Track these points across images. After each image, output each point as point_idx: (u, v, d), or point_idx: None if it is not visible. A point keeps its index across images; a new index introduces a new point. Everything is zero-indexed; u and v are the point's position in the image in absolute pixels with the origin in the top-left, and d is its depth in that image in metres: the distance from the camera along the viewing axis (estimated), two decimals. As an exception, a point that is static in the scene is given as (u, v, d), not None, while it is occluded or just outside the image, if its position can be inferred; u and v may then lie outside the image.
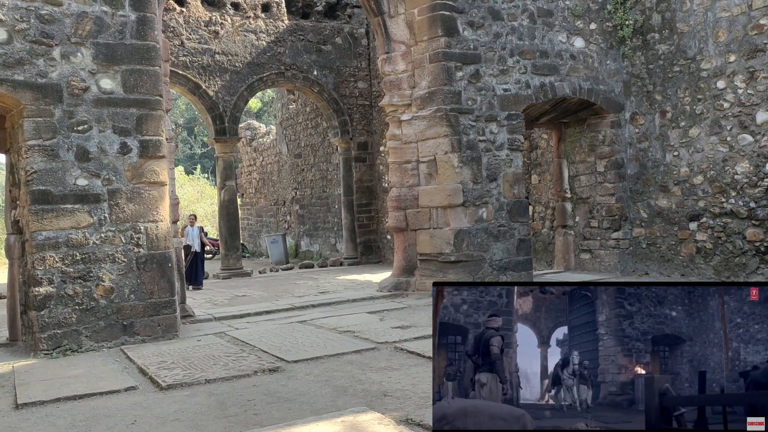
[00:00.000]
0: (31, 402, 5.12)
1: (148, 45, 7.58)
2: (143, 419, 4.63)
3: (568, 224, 12.08)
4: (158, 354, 6.61)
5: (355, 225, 17.54)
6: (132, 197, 7.42)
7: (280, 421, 4.40)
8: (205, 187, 35.92)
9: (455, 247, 9.66)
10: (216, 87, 16.08)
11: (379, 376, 5.51)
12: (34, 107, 7.00)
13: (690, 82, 10.19)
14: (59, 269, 7.02)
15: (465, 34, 9.81)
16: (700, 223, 10.13)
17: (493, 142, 10.01)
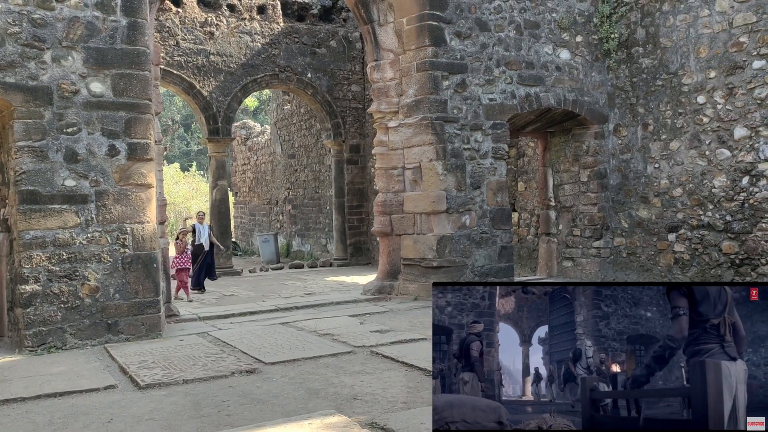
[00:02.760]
0: (13, 398, 5.29)
1: (138, 50, 7.74)
2: (119, 418, 4.80)
3: (551, 232, 12.28)
4: (140, 353, 6.78)
5: (345, 227, 17.72)
6: (119, 198, 7.59)
7: (251, 422, 4.57)
8: (200, 185, 36.01)
9: (438, 253, 9.85)
10: (210, 87, 16.25)
11: (352, 379, 5.69)
12: (24, 109, 7.16)
13: (672, 96, 10.40)
14: (46, 268, 7.19)
15: (452, 44, 10.00)
16: (679, 235, 10.34)
17: (478, 151, 10.20)
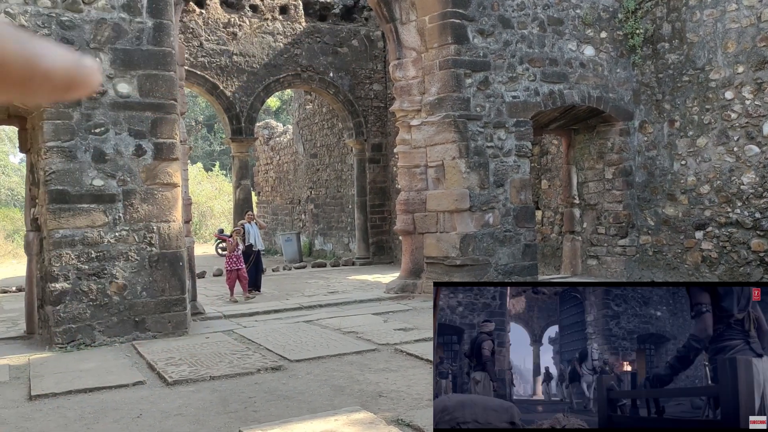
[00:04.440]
0: (44, 394, 5.39)
1: (164, 51, 7.83)
2: (148, 413, 4.87)
3: (575, 230, 12.18)
4: (167, 350, 6.87)
5: (367, 225, 17.75)
6: (146, 198, 7.69)
7: (278, 418, 4.61)
8: (223, 184, 36.33)
9: (461, 251, 9.83)
10: (233, 87, 16.37)
11: (377, 377, 5.70)
12: (53, 110, 7.28)
13: (698, 92, 10.26)
14: (75, 266, 7.31)
15: (475, 41, 9.96)
16: (706, 232, 10.19)
17: (501, 149, 10.15)
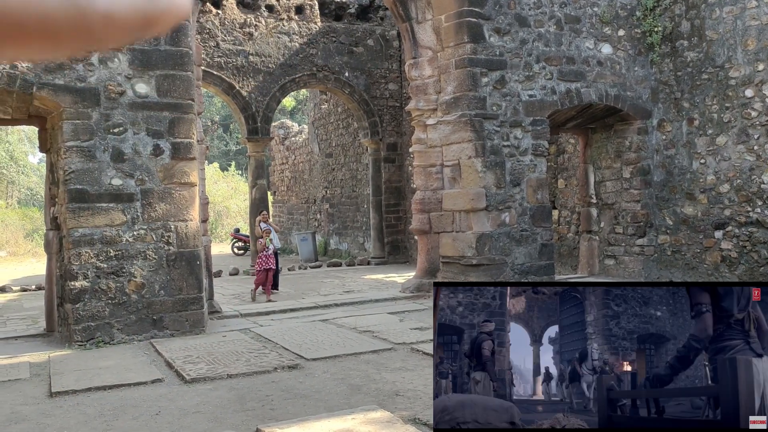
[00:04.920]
0: (64, 391, 5.44)
1: (181, 51, 7.89)
2: (167, 410, 4.90)
3: (593, 229, 12.09)
4: (185, 348, 6.91)
5: (383, 225, 17.75)
6: (163, 197, 7.74)
7: (295, 416, 4.62)
8: (239, 184, 36.54)
9: (477, 251, 9.79)
10: (249, 87, 16.44)
11: (393, 376, 5.70)
12: (72, 110, 7.36)
13: (718, 90, 10.14)
14: (94, 265, 7.38)
15: (491, 40, 9.92)
16: (726, 232, 10.08)
17: (518, 148, 10.11)
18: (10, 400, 5.34)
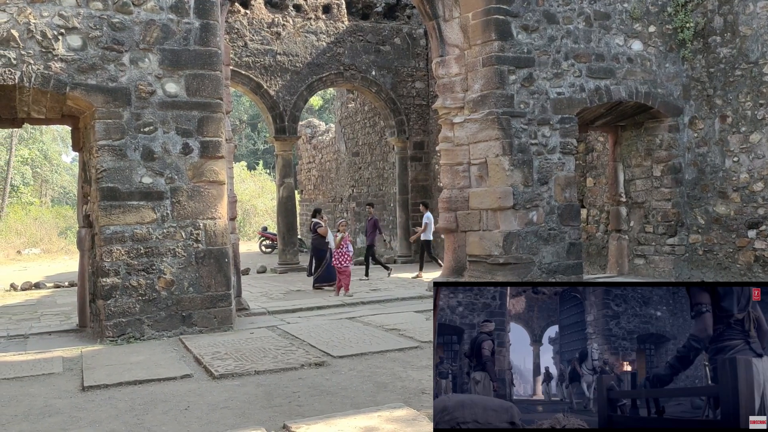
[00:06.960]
0: (96, 385, 5.55)
1: (210, 51, 7.97)
2: (196, 405, 4.97)
3: (622, 228, 11.93)
4: (213, 345, 6.99)
5: (409, 224, 17.74)
6: (192, 195, 7.84)
7: (321, 413, 4.65)
8: (266, 183, 36.83)
9: (504, 250, 9.73)
10: (277, 87, 16.56)
11: (419, 374, 5.70)
12: (104, 109, 7.49)
13: (752, 86, 9.93)
14: (125, 262, 7.50)
15: (519, 37, 9.85)
16: (759, 231, 9.87)
17: (545, 146, 10.02)
18: (43, 393, 5.46)
